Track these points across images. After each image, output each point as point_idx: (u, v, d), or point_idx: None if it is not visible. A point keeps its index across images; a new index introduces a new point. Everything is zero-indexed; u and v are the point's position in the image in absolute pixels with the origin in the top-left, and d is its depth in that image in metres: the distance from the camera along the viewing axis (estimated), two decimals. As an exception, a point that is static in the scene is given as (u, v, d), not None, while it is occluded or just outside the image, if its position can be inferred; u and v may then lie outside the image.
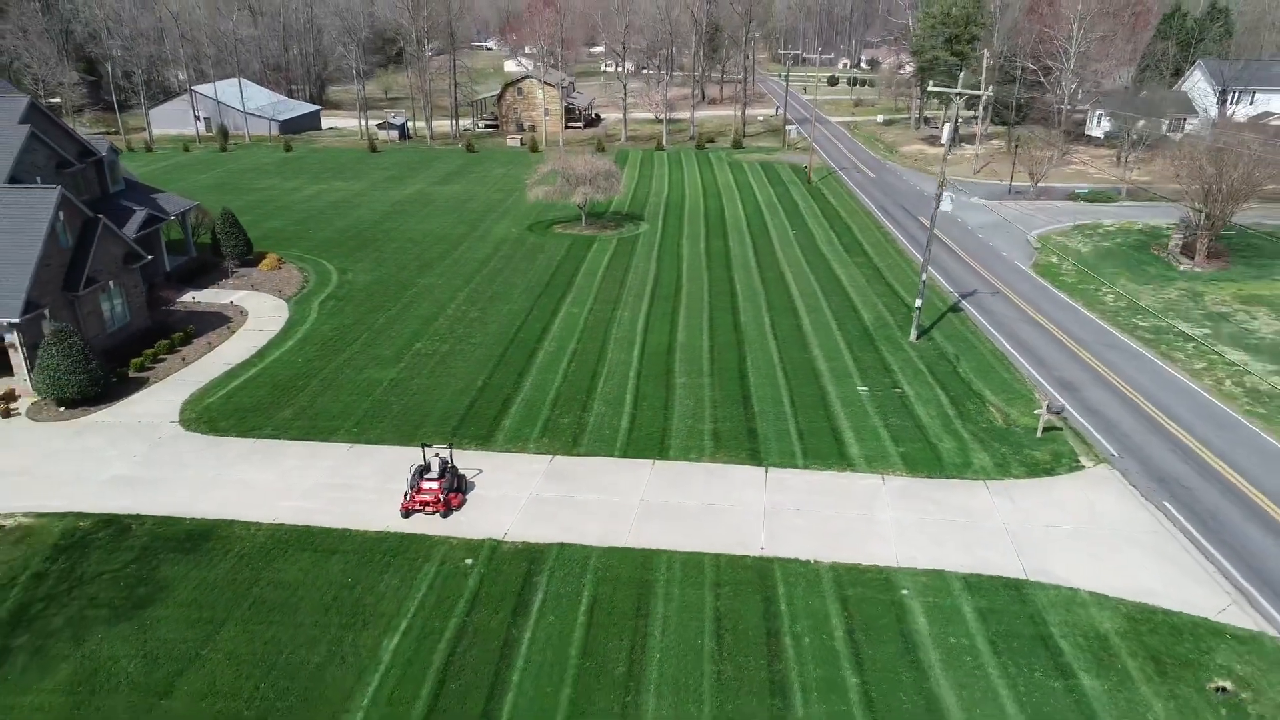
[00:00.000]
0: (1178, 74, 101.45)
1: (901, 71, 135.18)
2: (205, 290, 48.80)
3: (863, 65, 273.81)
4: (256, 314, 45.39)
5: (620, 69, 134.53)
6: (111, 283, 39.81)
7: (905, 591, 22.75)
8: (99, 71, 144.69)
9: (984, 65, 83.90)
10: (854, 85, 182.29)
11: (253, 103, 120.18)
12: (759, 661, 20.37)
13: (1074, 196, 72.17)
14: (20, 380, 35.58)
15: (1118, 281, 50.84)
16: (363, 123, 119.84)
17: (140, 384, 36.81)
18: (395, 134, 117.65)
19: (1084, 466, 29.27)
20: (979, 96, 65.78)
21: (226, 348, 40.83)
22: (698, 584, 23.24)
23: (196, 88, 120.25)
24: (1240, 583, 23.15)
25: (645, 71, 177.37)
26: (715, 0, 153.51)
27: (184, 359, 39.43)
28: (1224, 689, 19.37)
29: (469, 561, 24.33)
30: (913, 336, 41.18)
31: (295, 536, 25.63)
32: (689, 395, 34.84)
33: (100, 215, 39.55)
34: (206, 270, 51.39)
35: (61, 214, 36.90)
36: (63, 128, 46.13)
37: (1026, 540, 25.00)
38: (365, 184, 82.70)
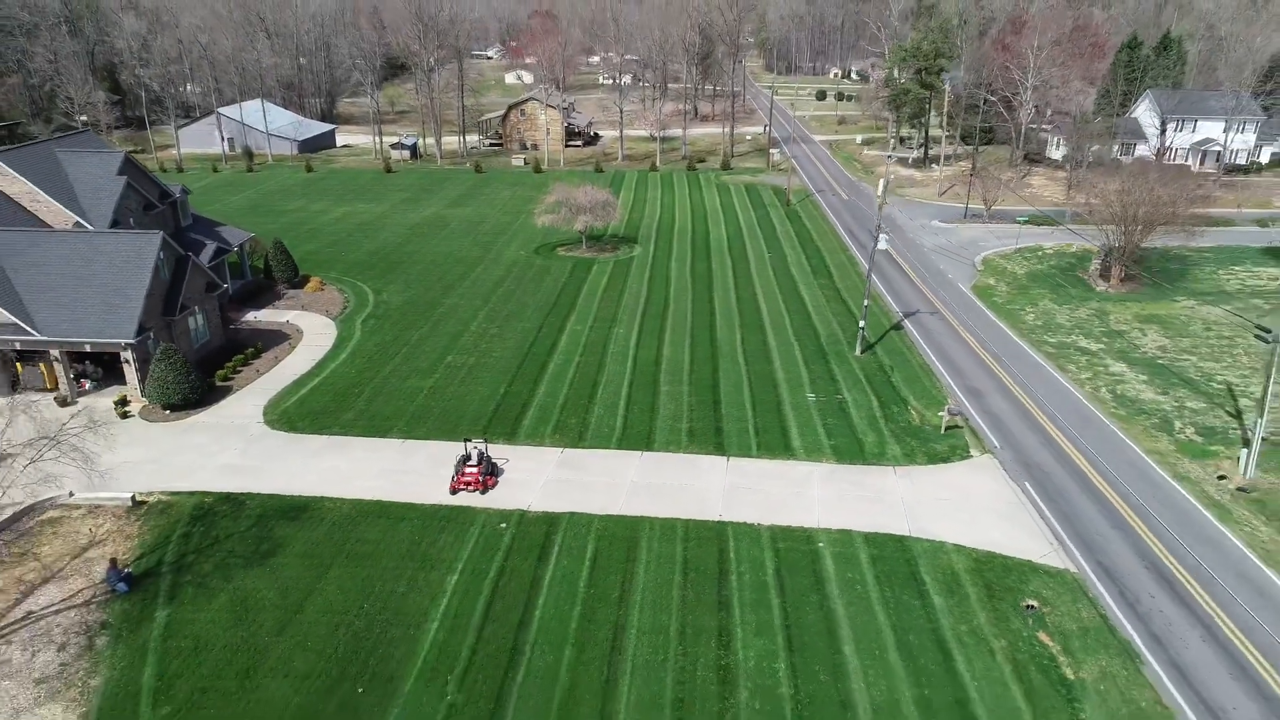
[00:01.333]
0: (1125, 102, 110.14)
1: (880, 96, 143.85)
2: (263, 310, 57.40)
3: (853, 75, 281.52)
4: (310, 331, 54.00)
5: (617, 84, 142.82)
6: (196, 307, 48.46)
7: (820, 545, 31.43)
8: (121, 90, 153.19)
9: (944, 99, 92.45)
10: (840, 100, 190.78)
11: (274, 123, 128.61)
12: (711, 589, 29.04)
13: (1017, 222, 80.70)
14: (132, 389, 44.18)
15: (1041, 302, 59.60)
16: (377, 140, 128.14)
17: (226, 392, 45.43)
18: (407, 153, 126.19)
19: (972, 456, 37.99)
20: (950, 120, 74.26)
21: (291, 360, 49.46)
22: (671, 540, 31.90)
23: (221, 110, 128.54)
24: (1063, 538, 31.86)
25: (641, 84, 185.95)
26: (708, 18, 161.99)
27: (257, 370, 48.07)
28: (1031, 605, 28.06)
29: (503, 525, 32.96)
30: (858, 351, 49.85)
31: (371, 508, 34.24)
32: (670, 401, 43.51)
33: (189, 253, 48.20)
34: (261, 292, 60.02)
35: (161, 253, 45.52)
36: (146, 174, 54.78)
37: (916, 509, 33.70)
38: (385, 206, 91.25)
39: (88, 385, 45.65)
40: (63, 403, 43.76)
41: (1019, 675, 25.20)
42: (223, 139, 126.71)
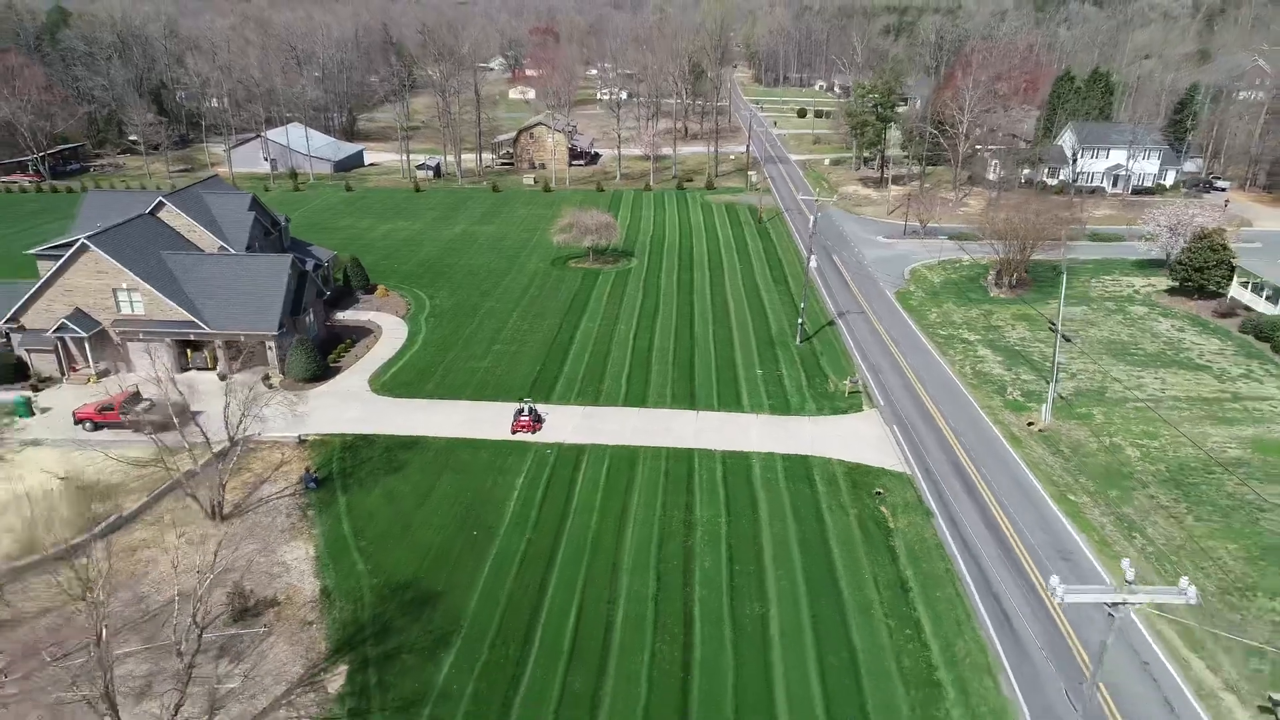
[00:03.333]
0: (1056, 131, 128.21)
1: (843, 126, 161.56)
2: (348, 311, 74.87)
3: (835, 89, 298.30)
4: (387, 327, 71.50)
5: (614, 102, 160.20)
6: (310, 309, 65.95)
7: (752, 460, 49.05)
8: (167, 113, 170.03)
9: (888, 134, 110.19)
10: (819, 116, 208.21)
11: (312, 145, 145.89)
12: (682, 485, 46.65)
13: (948, 238, 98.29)
14: (273, 368, 61.61)
15: (945, 304, 77.41)
16: (405, 160, 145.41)
17: (337, 371, 62.92)
18: (431, 173, 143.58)
19: (863, 410, 55.71)
20: (907, 144, 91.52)
21: (378, 349, 66.96)
22: (658, 459, 49.45)
23: (267, 133, 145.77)
24: (908, 456, 49.56)
25: (636, 100, 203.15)
26: (699, 53, 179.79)
27: (355, 356, 65.59)
28: (879, 491, 45.73)
29: (549, 451, 50.48)
30: (798, 341, 67.51)
31: (460, 443, 51.69)
32: (659, 375, 61.10)
33: (306, 270, 65.72)
34: (344, 298, 77.45)
35: (289, 270, 62.99)
36: (264, 208, 72.25)
37: (818, 441, 51.34)
38: (421, 224, 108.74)
39: (236, 365, 63.04)
40: (222, 378, 61.07)
41: (861, 525, 42.88)
42: (266, 159, 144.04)
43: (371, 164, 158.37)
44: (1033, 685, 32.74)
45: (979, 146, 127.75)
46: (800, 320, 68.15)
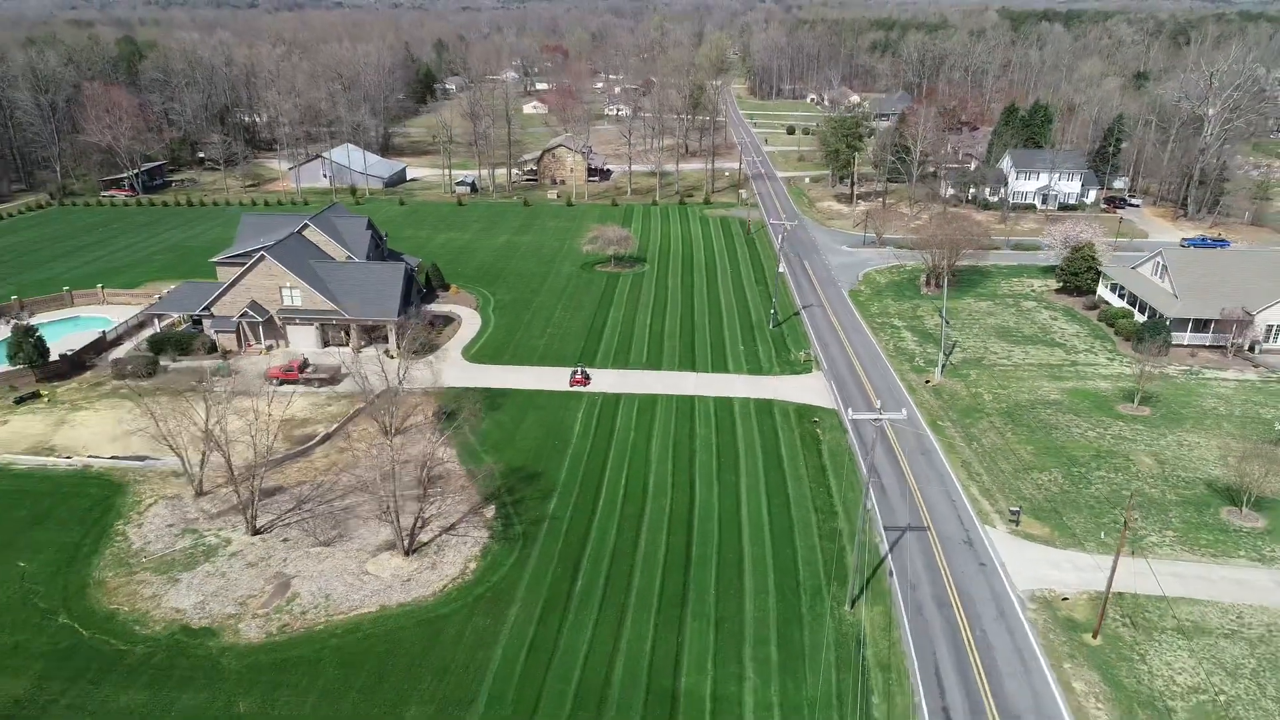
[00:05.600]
0: (990, 158, 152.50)
1: (817, 152, 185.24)
2: (432, 305, 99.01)
3: (826, 103, 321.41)
4: (465, 316, 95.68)
5: (621, 117, 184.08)
6: (414, 301, 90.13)
7: (735, 403, 73.29)
8: (229, 132, 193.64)
9: (856, 160, 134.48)
10: (805, 134, 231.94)
11: (366, 164, 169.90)
12: (686, 418, 70.88)
13: (897, 246, 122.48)
14: (392, 345, 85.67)
15: (885, 300, 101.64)
16: (447, 175, 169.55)
17: (437, 346, 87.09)
18: (468, 189, 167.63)
19: (812, 372, 79.98)
20: (875, 167, 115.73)
21: (462, 332, 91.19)
22: (670, 402, 73.67)
23: (327, 153, 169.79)
24: (838, 399, 73.80)
25: (641, 115, 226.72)
26: (698, 85, 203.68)
27: (448, 336, 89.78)
28: (815, 420, 69.99)
29: (598, 398, 74.76)
30: (770, 326, 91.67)
31: (535, 392, 75.87)
32: (669, 349, 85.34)
33: (412, 272, 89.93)
34: (428, 294, 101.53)
35: (403, 273, 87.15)
36: (375, 228, 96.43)
37: (780, 391, 75.60)
38: (470, 235, 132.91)
39: (363, 342, 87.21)
40: (356, 351, 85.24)
41: (801, 438, 67.06)
42: (325, 176, 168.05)
43: (413, 179, 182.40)
44: (884, 505, 56.87)
45: (933, 168, 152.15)
46: (773, 311, 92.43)
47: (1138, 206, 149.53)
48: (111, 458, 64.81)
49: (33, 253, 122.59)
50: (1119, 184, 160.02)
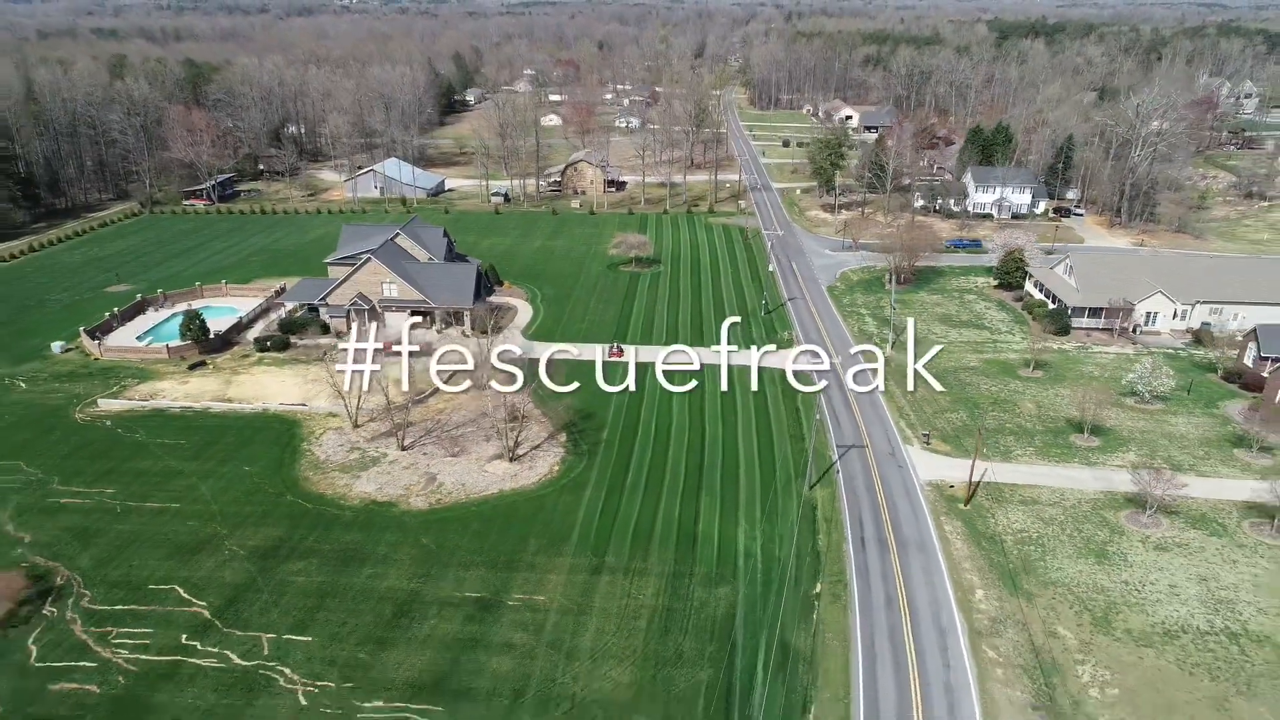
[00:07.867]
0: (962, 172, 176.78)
1: (806, 167, 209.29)
2: (492, 297, 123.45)
3: (819, 115, 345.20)
4: (520, 307, 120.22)
5: (632, 129, 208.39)
6: (482, 294, 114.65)
7: (735, 369, 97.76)
8: (283, 143, 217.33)
9: (837, 175, 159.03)
10: (799, 146, 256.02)
11: (412, 175, 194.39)
12: (701, 379, 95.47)
13: (869, 250, 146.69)
14: (466, 327, 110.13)
15: (855, 294, 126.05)
16: (483, 185, 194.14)
17: (502, 328, 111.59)
18: (502, 198, 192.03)
19: (794, 345, 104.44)
20: (859, 180, 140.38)
21: (519, 318, 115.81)
22: (685, 374, 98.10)
23: (377, 166, 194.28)
24: (818, 354, 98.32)
25: (652, 128, 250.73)
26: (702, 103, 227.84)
27: (509, 320, 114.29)
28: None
29: (628, 362, 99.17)
30: (762, 313, 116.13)
31: (583, 362, 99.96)
32: (683, 331, 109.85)
33: (481, 270, 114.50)
34: (488, 289, 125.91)
35: (475, 271, 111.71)
36: (447, 235, 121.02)
37: (768, 360, 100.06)
38: (510, 239, 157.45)
39: (442, 326, 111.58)
40: (439, 332, 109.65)
41: (783, 393, 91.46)
42: (376, 188, 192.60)
43: (450, 189, 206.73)
44: (839, 434, 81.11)
45: (908, 180, 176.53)
46: (764, 302, 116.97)
47: (1081, 215, 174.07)
48: (280, 404, 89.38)
49: (146, 254, 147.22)
50: (1071, 195, 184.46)
